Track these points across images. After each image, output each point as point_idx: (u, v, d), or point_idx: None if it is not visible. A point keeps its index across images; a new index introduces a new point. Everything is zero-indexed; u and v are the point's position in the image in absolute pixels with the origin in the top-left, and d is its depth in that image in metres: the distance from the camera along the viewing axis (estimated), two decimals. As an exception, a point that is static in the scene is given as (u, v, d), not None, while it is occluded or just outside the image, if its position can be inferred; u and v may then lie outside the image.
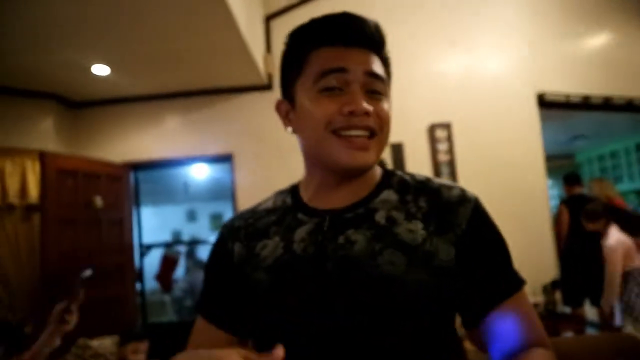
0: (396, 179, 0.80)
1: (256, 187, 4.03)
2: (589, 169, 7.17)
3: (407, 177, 0.80)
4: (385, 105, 0.75)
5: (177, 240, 8.27)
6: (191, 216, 8.99)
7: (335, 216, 0.75)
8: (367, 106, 0.70)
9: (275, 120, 0.77)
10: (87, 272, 1.36)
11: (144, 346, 2.50)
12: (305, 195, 0.82)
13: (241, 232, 0.82)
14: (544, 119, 4.33)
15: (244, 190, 4.07)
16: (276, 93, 4.19)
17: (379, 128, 0.73)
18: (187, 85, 4.08)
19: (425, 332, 0.70)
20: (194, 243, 7.09)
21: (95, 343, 2.43)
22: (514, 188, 3.99)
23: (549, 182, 7.54)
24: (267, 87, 4.10)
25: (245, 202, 4.04)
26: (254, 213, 0.85)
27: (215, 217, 8.59)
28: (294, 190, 0.85)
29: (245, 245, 0.80)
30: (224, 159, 4.18)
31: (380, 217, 0.73)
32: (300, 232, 0.76)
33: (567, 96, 4.15)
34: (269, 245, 0.77)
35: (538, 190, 4.04)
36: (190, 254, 7.13)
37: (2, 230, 3.45)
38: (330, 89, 0.71)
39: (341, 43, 0.73)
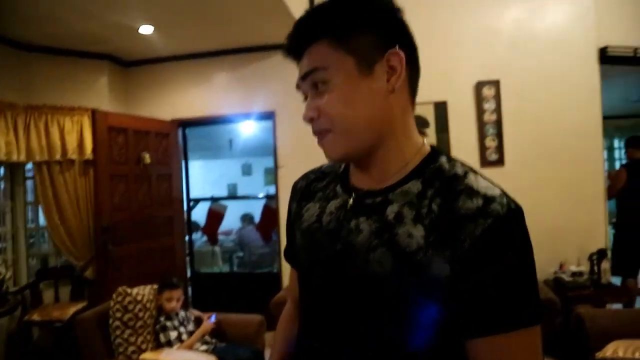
0: (434, 167, 0.73)
1: (296, 145, 4.06)
2: (666, 129, 6.54)
3: (447, 166, 0.73)
4: (330, 96, 0.73)
5: (232, 194, 8.62)
6: (246, 170, 9.27)
7: (358, 198, 0.76)
8: (306, 114, 0.75)
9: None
10: None
11: (176, 294, 2.69)
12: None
13: (299, 192, 0.91)
14: (612, 75, 3.93)
15: (285, 148, 4.14)
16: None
17: (329, 125, 0.74)
18: (231, 44, 4.13)
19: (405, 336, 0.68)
20: (239, 198, 7.33)
21: (134, 291, 2.63)
22: (565, 152, 3.72)
23: (617, 142, 6.99)
24: (308, 44, 4.05)
25: (286, 159, 4.12)
26: (316, 173, 0.92)
27: (269, 172, 8.79)
28: None
29: (298, 204, 0.89)
30: (267, 116, 4.24)
31: (390, 211, 0.71)
32: (332, 205, 0.81)
33: (636, 50, 3.76)
34: (310, 209, 0.85)
35: (593, 155, 3.73)
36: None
37: (64, 184, 3.77)
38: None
39: (297, 60, 0.78)
